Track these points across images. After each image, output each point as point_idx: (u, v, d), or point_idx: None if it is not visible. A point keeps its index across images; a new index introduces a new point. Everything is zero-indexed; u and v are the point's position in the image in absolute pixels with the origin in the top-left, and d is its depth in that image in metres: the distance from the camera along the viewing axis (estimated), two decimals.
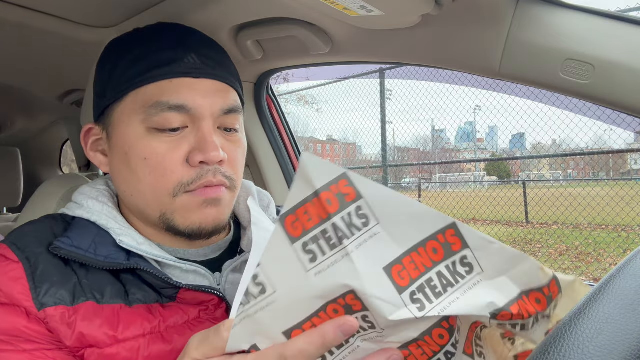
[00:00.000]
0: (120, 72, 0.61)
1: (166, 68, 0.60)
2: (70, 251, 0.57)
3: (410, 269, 0.36)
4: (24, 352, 0.53)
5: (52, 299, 0.54)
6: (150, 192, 0.61)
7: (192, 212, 0.61)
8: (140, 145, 0.60)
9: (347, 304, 0.36)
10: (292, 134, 1.45)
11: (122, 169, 0.62)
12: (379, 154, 7.73)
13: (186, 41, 0.63)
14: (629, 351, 0.30)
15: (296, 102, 13.89)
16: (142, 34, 0.65)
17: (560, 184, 14.26)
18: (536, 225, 8.16)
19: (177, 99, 0.59)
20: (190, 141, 0.60)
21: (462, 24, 0.75)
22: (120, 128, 0.62)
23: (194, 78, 0.60)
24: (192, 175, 0.60)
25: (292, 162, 1.44)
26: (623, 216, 6.20)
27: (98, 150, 0.67)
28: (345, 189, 0.35)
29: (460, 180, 16.85)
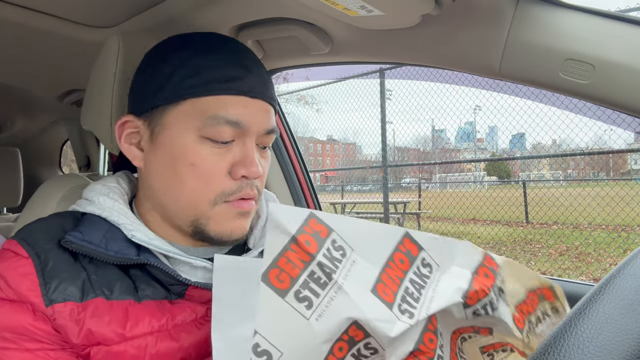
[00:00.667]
0: (181, 77, 0.63)
1: (230, 84, 0.62)
2: (81, 245, 0.58)
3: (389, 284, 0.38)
4: (26, 351, 0.53)
5: (61, 295, 0.55)
6: (190, 197, 0.62)
7: (226, 221, 0.63)
8: (191, 152, 0.62)
9: (350, 337, 0.36)
10: (292, 134, 1.45)
11: (163, 168, 0.64)
12: (379, 154, 7.72)
13: (245, 60, 0.66)
14: (629, 351, 0.30)
15: (296, 102, 13.91)
16: (204, 44, 0.66)
17: (560, 184, 14.26)
18: (536, 225, 8.17)
19: (234, 115, 0.62)
20: (234, 154, 0.63)
21: (462, 24, 0.75)
22: (171, 130, 0.63)
23: (250, 97, 0.63)
24: (233, 187, 0.63)
25: (292, 163, 1.44)
26: (623, 216, 6.20)
27: (133, 143, 0.67)
28: (317, 227, 0.36)
29: (460, 180, 16.85)
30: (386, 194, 6.94)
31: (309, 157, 31.25)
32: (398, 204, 8.39)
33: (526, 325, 0.49)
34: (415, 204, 9.55)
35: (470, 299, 0.42)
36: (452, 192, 12.59)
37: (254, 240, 0.72)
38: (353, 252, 0.37)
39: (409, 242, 0.41)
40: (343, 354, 0.37)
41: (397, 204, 8.37)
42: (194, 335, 0.59)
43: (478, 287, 0.43)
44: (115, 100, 0.77)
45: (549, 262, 5.60)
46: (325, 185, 15.82)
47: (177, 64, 0.64)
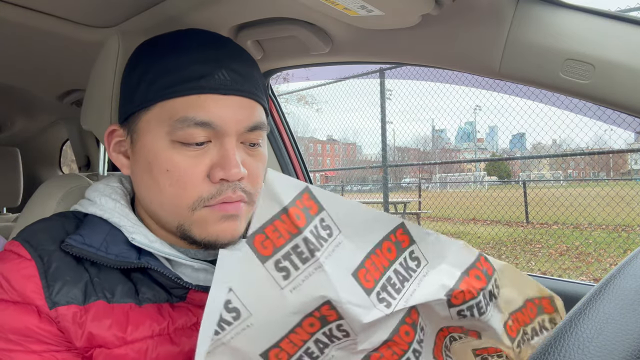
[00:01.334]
0: (149, 80, 0.61)
1: (195, 83, 0.59)
2: (81, 249, 0.57)
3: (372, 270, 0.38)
4: (33, 353, 0.53)
5: (64, 298, 0.55)
6: (170, 203, 0.61)
7: (210, 225, 0.61)
8: (164, 157, 0.60)
9: (323, 315, 0.36)
10: (292, 134, 1.45)
11: (144, 176, 0.63)
12: (379, 154, 7.72)
13: (218, 55, 0.62)
14: (629, 351, 0.30)
15: (296, 102, 13.91)
16: (175, 41, 0.64)
17: (561, 184, 14.26)
18: (536, 225, 8.16)
19: (203, 115, 0.59)
20: (212, 156, 0.60)
21: (462, 23, 0.75)
22: (145, 137, 0.62)
23: (222, 95, 0.60)
24: (212, 190, 0.60)
25: (292, 163, 1.44)
26: (623, 216, 6.20)
27: (121, 152, 0.67)
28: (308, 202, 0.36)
29: (460, 180, 16.84)
30: (386, 194, 6.94)
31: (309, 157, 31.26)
32: (398, 204, 8.39)
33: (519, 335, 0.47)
34: (415, 204, 9.55)
35: (455, 298, 0.42)
36: (452, 192, 12.59)
37: None
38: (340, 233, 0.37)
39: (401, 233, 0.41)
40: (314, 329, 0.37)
41: (397, 204, 8.37)
42: (195, 339, 0.58)
43: (465, 287, 0.43)
44: (115, 100, 0.77)
45: (549, 262, 5.60)
46: (325, 185, 15.82)
47: (144, 68, 0.62)
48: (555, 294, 0.52)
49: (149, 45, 0.66)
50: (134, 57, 0.67)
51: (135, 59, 0.66)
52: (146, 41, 0.68)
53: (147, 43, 0.67)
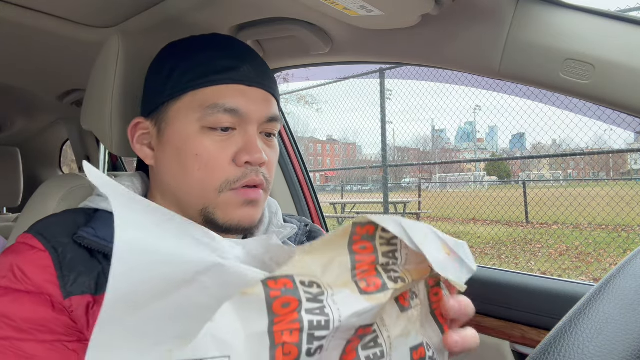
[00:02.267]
0: (181, 72, 0.66)
1: (225, 74, 0.66)
2: (93, 241, 0.60)
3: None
4: (44, 343, 0.54)
5: (80, 288, 0.56)
6: (198, 187, 0.65)
7: (233, 209, 0.65)
8: (194, 142, 0.65)
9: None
10: (292, 134, 1.45)
11: (171, 163, 0.67)
12: (379, 154, 7.73)
13: (242, 52, 0.69)
14: (629, 351, 0.30)
15: (296, 102, 13.91)
16: (202, 42, 0.70)
17: (561, 184, 14.26)
18: (536, 225, 8.16)
19: (231, 102, 0.65)
20: (237, 142, 0.65)
21: (462, 23, 0.75)
22: (175, 124, 0.66)
23: (247, 86, 0.66)
24: (238, 174, 0.65)
25: (292, 163, 1.44)
26: (623, 216, 6.20)
27: (144, 143, 0.71)
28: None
29: (460, 180, 16.85)
30: (386, 194, 6.94)
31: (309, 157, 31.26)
32: (398, 204, 8.39)
33: (379, 267, 0.40)
34: (415, 204, 9.56)
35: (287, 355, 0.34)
36: (452, 192, 12.59)
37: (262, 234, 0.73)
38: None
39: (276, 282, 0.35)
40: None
41: (397, 204, 8.37)
42: None
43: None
44: (115, 100, 0.77)
45: (549, 262, 5.60)
46: (325, 185, 15.83)
47: (176, 63, 0.68)
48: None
49: (175, 46, 0.72)
50: (162, 55, 0.72)
51: (163, 57, 0.72)
52: (174, 42, 0.73)
53: (176, 43, 0.72)
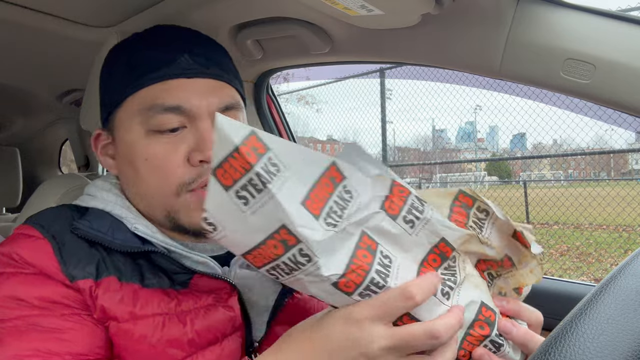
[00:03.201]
0: (117, 78, 0.64)
1: (159, 71, 0.61)
2: (89, 232, 0.59)
3: (316, 201, 0.44)
4: (63, 316, 0.54)
5: (81, 273, 0.56)
6: (155, 193, 0.63)
7: (195, 211, 0.62)
8: (140, 147, 0.62)
9: (283, 239, 0.42)
10: (292, 134, 1.45)
11: (127, 171, 0.65)
12: (379, 154, 7.73)
13: (178, 42, 0.64)
14: (630, 351, 0.30)
15: (296, 102, 13.91)
16: (138, 38, 0.67)
17: (561, 184, 14.25)
18: (537, 225, 8.16)
19: (171, 100, 0.60)
20: (189, 141, 0.62)
21: (463, 23, 0.75)
22: (121, 132, 0.64)
23: (188, 78, 0.62)
24: (193, 174, 0.61)
25: None
26: (624, 216, 6.20)
27: (107, 154, 0.69)
28: (257, 143, 0.41)
29: (461, 180, 16.85)
30: None
31: None
32: None
33: (469, 229, 0.52)
34: None
35: (391, 209, 0.48)
36: None
37: None
38: (286, 169, 0.42)
39: (334, 171, 0.46)
40: (278, 252, 0.43)
41: None
42: (201, 321, 0.59)
43: (394, 196, 0.48)
44: None
45: (550, 262, 5.60)
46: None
47: (112, 69, 0.66)
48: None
49: (115, 48, 0.69)
50: (105, 63, 0.69)
51: (105, 64, 0.69)
52: (114, 46, 0.70)
53: (114, 47, 0.69)
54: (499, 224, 0.54)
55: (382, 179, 0.49)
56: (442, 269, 0.50)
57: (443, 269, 0.50)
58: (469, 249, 0.52)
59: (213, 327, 0.60)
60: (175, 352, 0.57)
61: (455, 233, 0.50)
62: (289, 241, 0.42)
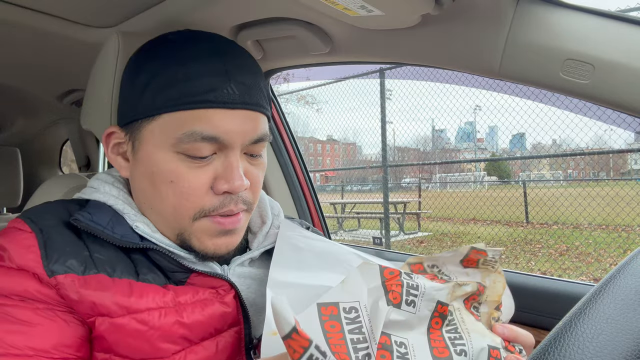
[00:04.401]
0: (155, 90, 0.60)
1: (204, 96, 0.59)
2: (89, 224, 0.59)
3: (339, 350, 0.45)
4: (36, 310, 0.54)
5: (62, 267, 0.55)
6: (171, 212, 0.62)
7: (208, 238, 0.63)
8: (168, 168, 0.60)
9: None
10: (292, 134, 1.45)
11: (145, 184, 0.63)
12: (379, 154, 7.73)
13: (226, 66, 0.61)
14: (629, 351, 0.30)
15: (296, 102, 13.91)
16: (180, 48, 0.62)
17: (561, 184, 14.25)
18: (536, 225, 8.16)
19: (211, 130, 0.59)
20: (216, 168, 0.61)
21: (462, 23, 0.75)
22: (148, 146, 0.62)
23: (230, 109, 0.60)
24: (215, 203, 0.61)
25: (292, 162, 1.44)
26: (623, 216, 6.20)
27: (119, 153, 0.67)
28: (300, 335, 0.40)
29: (460, 180, 16.84)
30: (386, 194, 6.93)
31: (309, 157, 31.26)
32: (398, 204, 8.39)
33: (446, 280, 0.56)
34: (415, 204, 9.55)
35: (395, 299, 0.50)
36: (452, 192, 12.59)
37: (257, 243, 0.72)
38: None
39: (325, 308, 0.47)
40: None
41: (397, 204, 8.37)
42: (197, 315, 0.59)
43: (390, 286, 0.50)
44: (115, 101, 0.76)
45: (549, 262, 5.60)
46: (325, 185, 15.81)
47: (149, 76, 0.61)
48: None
49: (152, 51, 0.64)
50: (137, 61, 0.65)
51: (138, 63, 0.65)
52: (148, 45, 0.66)
53: (149, 48, 0.65)
54: (450, 262, 0.58)
55: (368, 267, 0.51)
56: (445, 328, 0.53)
57: (446, 327, 0.53)
58: (455, 297, 0.55)
59: (207, 322, 0.60)
60: (169, 346, 0.57)
61: (444, 291, 0.53)
62: None
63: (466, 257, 0.57)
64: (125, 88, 0.66)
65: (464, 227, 8.63)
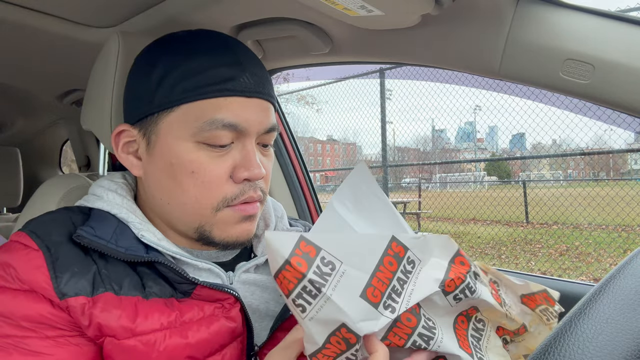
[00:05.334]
0: (172, 81, 0.60)
1: (222, 85, 0.60)
2: (92, 240, 0.58)
3: (379, 286, 0.45)
4: (47, 339, 0.53)
5: (73, 289, 0.55)
6: (193, 205, 0.61)
7: (230, 226, 0.63)
8: (189, 159, 0.60)
9: (344, 337, 0.44)
10: (292, 134, 1.45)
11: (163, 178, 0.62)
12: (379, 154, 7.73)
13: (239, 58, 0.63)
14: (629, 351, 0.30)
15: (296, 102, 13.91)
16: (193, 42, 0.64)
17: (561, 184, 14.25)
18: (536, 225, 8.16)
19: (231, 117, 0.60)
20: (234, 157, 0.62)
21: (462, 23, 0.75)
22: (167, 138, 0.61)
23: (247, 97, 0.61)
24: (236, 191, 0.61)
25: (292, 163, 1.44)
26: (623, 216, 6.20)
27: (130, 152, 0.66)
28: (306, 248, 0.43)
29: (460, 180, 16.84)
30: (386, 194, 6.93)
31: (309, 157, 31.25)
32: (398, 204, 8.39)
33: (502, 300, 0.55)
34: (415, 204, 9.55)
35: (448, 286, 0.49)
36: (452, 192, 12.59)
37: (262, 248, 0.72)
38: (342, 264, 0.44)
39: (396, 245, 0.47)
40: (342, 348, 0.44)
41: (397, 204, 8.37)
42: (202, 333, 0.59)
43: (454, 275, 0.50)
44: (115, 100, 0.76)
45: (549, 262, 5.60)
46: (325, 185, 15.81)
47: (166, 69, 0.61)
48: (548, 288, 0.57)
49: (165, 46, 0.65)
50: (148, 57, 0.65)
51: (149, 59, 0.65)
52: (159, 41, 0.66)
53: (164, 41, 0.66)
54: (512, 289, 0.57)
55: (449, 243, 0.51)
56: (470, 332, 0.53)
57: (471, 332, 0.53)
58: (492, 318, 0.54)
59: (213, 339, 0.60)
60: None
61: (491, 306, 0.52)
62: (350, 339, 0.44)
63: (531, 295, 0.56)
64: (135, 85, 0.65)
65: (464, 227, 8.63)
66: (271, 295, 0.68)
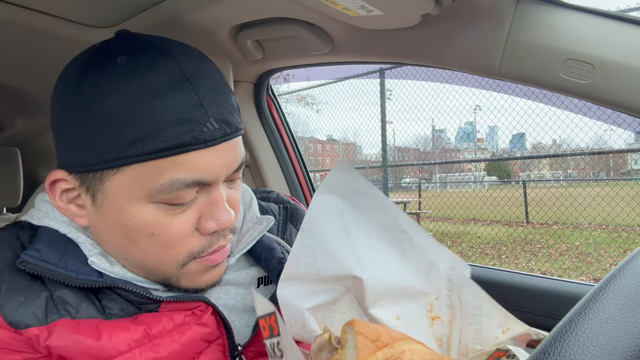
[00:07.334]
0: (116, 131, 0.48)
1: (182, 139, 0.49)
2: (38, 266, 0.51)
3: None
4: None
5: (22, 321, 0.49)
6: (154, 262, 0.55)
7: (198, 276, 0.57)
8: (146, 221, 0.52)
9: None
10: (292, 134, 1.45)
11: (116, 237, 0.54)
12: (379, 154, 7.73)
13: (201, 97, 0.51)
14: (629, 351, 0.30)
15: (296, 102, 13.90)
16: (136, 72, 0.49)
17: (561, 184, 14.25)
18: (536, 225, 8.16)
19: (194, 174, 0.51)
20: (200, 207, 0.54)
21: (462, 23, 0.75)
22: (116, 200, 0.52)
23: (212, 146, 0.51)
24: (203, 243, 0.55)
25: (292, 162, 1.44)
26: (623, 216, 6.20)
27: (71, 200, 0.55)
28: (274, 323, 0.44)
29: (460, 180, 16.83)
30: (386, 194, 6.94)
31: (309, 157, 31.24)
32: (398, 204, 8.40)
33: None
34: (415, 204, 9.55)
35: None
36: (452, 192, 12.58)
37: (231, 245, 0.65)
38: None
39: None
40: None
41: (397, 204, 8.37)
42: (175, 345, 0.55)
43: None
44: None
45: (549, 262, 5.60)
46: None
47: (106, 113, 0.48)
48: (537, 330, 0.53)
49: (102, 78, 0.50)
50: (83, 89, 0.50)
51: (84, 92, 0.50)
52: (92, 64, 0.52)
53: (94, 71, 0.51)
54: None
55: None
56: None
57: None
58: None
59: (186, 349, 0.56)
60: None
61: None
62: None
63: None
64: (67, 121, 0.52)
65: (464, 227, 8.63)
66: (247, 290, 0.65)
